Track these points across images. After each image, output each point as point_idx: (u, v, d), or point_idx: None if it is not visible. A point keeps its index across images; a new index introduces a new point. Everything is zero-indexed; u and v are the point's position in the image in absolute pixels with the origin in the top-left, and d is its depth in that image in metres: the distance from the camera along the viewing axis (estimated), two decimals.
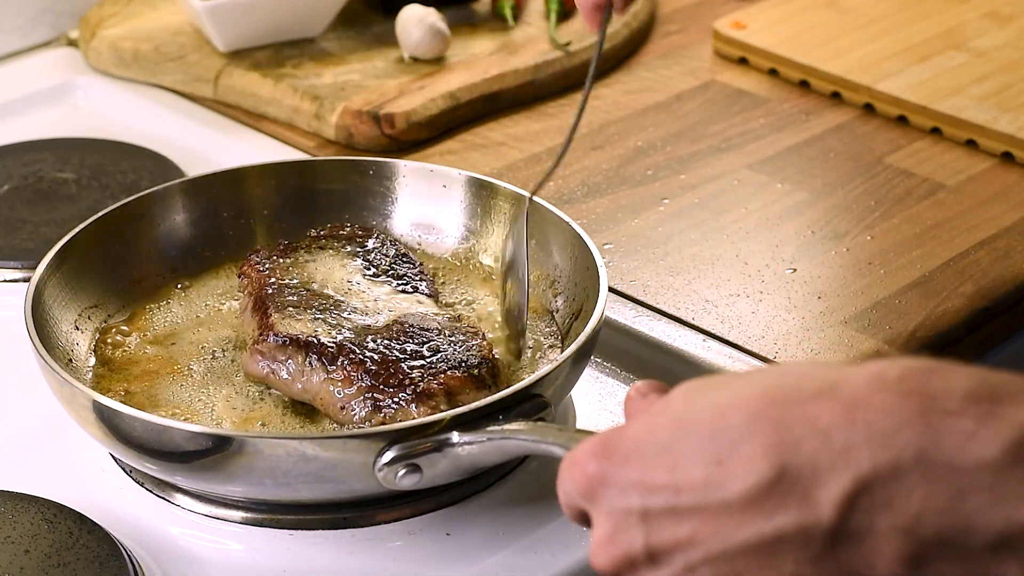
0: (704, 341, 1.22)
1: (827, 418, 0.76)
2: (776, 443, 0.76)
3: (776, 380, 0.79)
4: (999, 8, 1.68)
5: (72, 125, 1.56)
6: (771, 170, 1.44)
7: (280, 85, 1.52)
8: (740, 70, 1.61)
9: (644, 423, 0.82)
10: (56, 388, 1.07)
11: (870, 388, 0.76)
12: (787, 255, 1.32)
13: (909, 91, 1.52)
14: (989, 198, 1.40)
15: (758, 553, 0.77)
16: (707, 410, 0.79)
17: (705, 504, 0.78)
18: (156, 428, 1.01)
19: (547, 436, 0.98)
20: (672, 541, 0.79)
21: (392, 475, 0.99)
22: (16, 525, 1.03)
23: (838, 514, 0.75)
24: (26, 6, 1.67)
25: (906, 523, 0.74)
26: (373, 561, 1.04)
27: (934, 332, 1.23)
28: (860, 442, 0.75)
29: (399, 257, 1.20)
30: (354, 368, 1.06)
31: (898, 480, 0.74)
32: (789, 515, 0.76)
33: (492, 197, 1.25)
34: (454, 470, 1.01)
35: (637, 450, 0.81)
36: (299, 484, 1.01)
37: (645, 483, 0.80)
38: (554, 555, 1.03)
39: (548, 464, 1.10)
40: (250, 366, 1.10)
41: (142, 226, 1.24)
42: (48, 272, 1.15)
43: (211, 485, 1.04)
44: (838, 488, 0.75)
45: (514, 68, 1.55)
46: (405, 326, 1.10)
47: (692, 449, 0.79)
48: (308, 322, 1.10)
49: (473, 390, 1.05)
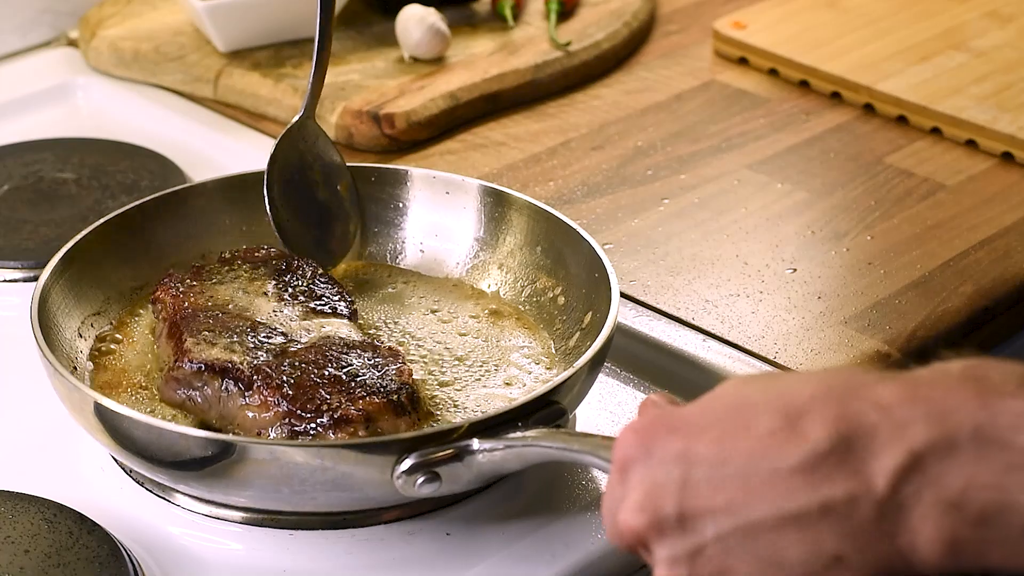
0: (704, 341, 1.21)
1: (889, 396, 0.77)
2: (837, 416, 0.77)
3: (835, 374, 0.80)
4: (999, 8, 1.68)
5: (72, 125, 1.56)
6: (771, 170, 1.44)
7: (280, 85, 1.52)
8: (740, 70, 1.61)
9: (695, 405, 0.82)
10: (64, 395, 1.06)
11: (932, 375, 0.78)
12: (787, 255, 1.32)
13: (909, 91, 1.52)
14: (989, 198, 1.40)
15: (798, 525, 0.77)
16: (764, 394, 0.80)
17: (752, 472, 0.78)
18: (168, 435, 1.01)
19: (571, 444, 0.98)
20: (706, 507, 0.79)
21: (411, 483, 0.98)
22: (16, 525, 1.03)
23: (889, 486, 0.76)
24: (26, 6, 1.67)
25: (952, 497, 0.75)
26: (373, 561, 1.04)
27: (934, 332, 1.23)
28: (918, 417, 0.76)
29: (316, 277, 1.17)
30: (271, 393, 1.04)
31: (951, 456, 0.75)
32: (840, 485, 0.76)
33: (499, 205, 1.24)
34: (474, 478, 1.01)
35: (685, 425, 0.80)
36: (316, 492, 1.00)
37: (689, 454, 0.79)
38: (554, 555, 1.03)
39: (548, 464, 1.11)
40: (166, 393, 1.09)
41: (144, 232, 1.23)
42: (53, 278, 1.14)
43: (224, 494, 1.04)
44: (892, 460, 0.76)
45: (514, 68, 1.55)
46: (323, 349, 1.08)
47: (746, 423, 0.79)
48: (224, 347, 1.09)
49: (392, 416, 1.04)
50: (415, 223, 1.27)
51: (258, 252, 1.20)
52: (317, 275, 1.18)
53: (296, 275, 1.17)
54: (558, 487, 1.09)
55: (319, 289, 1.16)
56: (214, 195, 1.27)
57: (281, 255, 1.20)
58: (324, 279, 1.18)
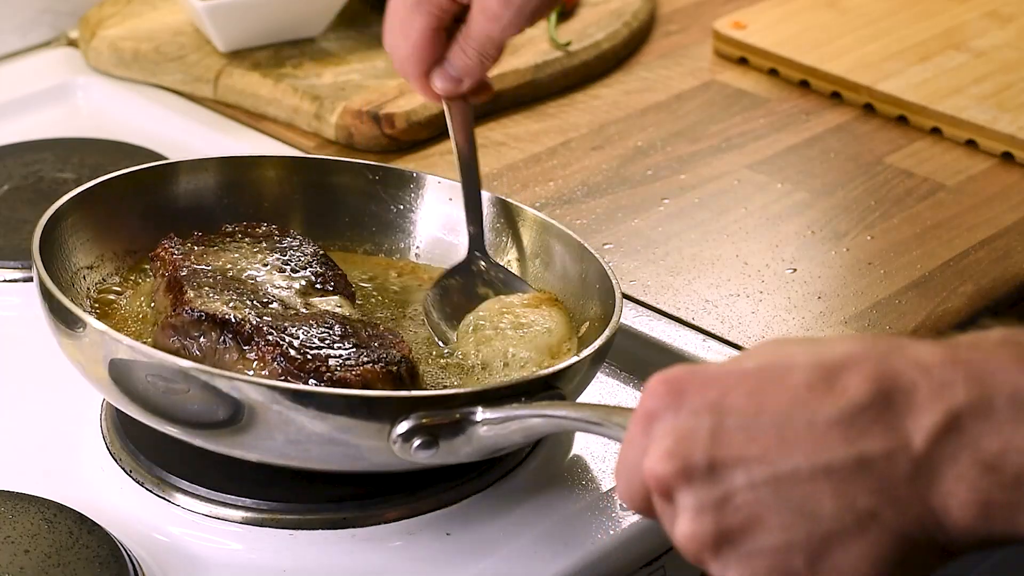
0: (704, 341, 1.22)
1: (929, 356, 0.77)
2: (877, 372, 0.77)
3: (874, 338, 0.80)
4: (999, 8, 1.68)
5: (72, 125, 1.56)
6: (771, 170, 1.44)
7: (280, 85, 1.52)
8: (740, 70, 1.61)
9: (728, 361, 0.80)
10: (64, 334, 1.04)
11: (972, 340, 0.78)
12: (787, 255, 1.32)
13: (909, 91, 1.52)
14: (989, 198, 1.40)
15: (832, 478, 0.76)
16: (802, 352, 0.79)
17: (787, 423, 0.77)
18: (171, 368, 0.99)
19: (580, 412, 0.96)
20: (738, 455, 0.77)
21: (408, 447, 0.97)
22: (16, 525, 1.02)
23: (927, 444, 0.75)
24: (26, 6, 1.66)
25: (988, 459, 0.75)
26: (373, 561, 1.04)
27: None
28: (958, 378, 0.76)
29: (317, 256, 1.17)
30: (270, 350, 1.03)
31: (988, 417, 0.75)
32: (877, 440, 0.76)
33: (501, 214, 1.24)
34: (473, 450, 0.99)
35: (719, 377, 0.79)
36: (310, 443, 0.99)
37: (723, 403, 0.78)
38: (555, 555, 1.03)
39: (548, 464, 1.11)
40: (160, 339, 1.07)
41: (149, 196, 1.22)
42: (55, 218, 1.13)
43: (220, 442, 1.02)
44: (931, 419, 0.76)
45: (514, 68, 1.55)
46: (325, 318, 1.08)
47: (784, 377, 0.78)
48: (224, 302, 1.08)
49: (390, 386, 1.03)
50: (414, 226, 1.27)
51: (260, 227, 1.20)
52: (318, 255, 1.18)
53: (297, 252, 1.17)
54: (558, 487, 1.09)
55: (319, 268, 1.16)
56: (223, 171, 1.25)
57: (283, 232, 1.20)
58: (324, 259, 1.17)
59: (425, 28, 1.14)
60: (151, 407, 1.02)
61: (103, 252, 1.18)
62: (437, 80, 1.15)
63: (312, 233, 1.25)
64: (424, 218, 1.26)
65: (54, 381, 1.13)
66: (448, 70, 1.14)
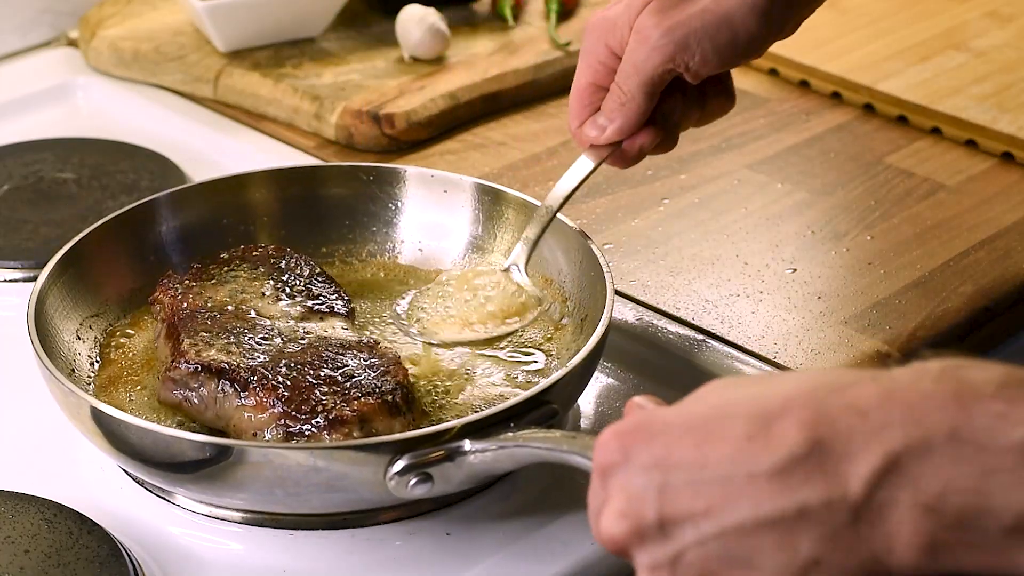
0: (704, 341, 1.21)
1: (865, 400, 0.77)
2: (813, 419, 0.77)
3: (815, 375, 0.80)
4: (999, 8, 1.68)
5: (72, 125, 1.56)
6: (771, 170, 1.44)
7: (280, 85, 1.52)
8: (740, 70, 1.61)
9: (675, 409, 0.81)
10: (61, 399, 1.06)
11: (909, 376, 0.78)
12: (787, 255, 1.32)
13: (909, 91, 1.52)
14: (989, 198, 1.40)
15: (776, 529, 0.77)
16: (743, 398, 0.79)
17: (729, 477, 0.77)
18: (161, 438, 1.01)
19: (561, 444, 0.98)
20: (686, 512, 0.78)
21: (403, 485, 0.99)
22: (16, 525, 1.03)
23: (865, 489, 0.75)
24: (26, 6, 1.67)
25: (929, 500, 0.75)
26: (373, 561, 1.04)
27: (934, 332, 1.23)
28: (895, 420, 0.76)
29: (314, 276, 1.18)
30: (266, 394, 1.05)
31: (928, 458, 0.75)
32: (815, 489, 0.76)
33: (496, 204, 1.25)
34: (465, 478, 1.01)
35: (665, 430, 0.80)
36: (309, 495, 1.00)
37: (669, 460, 0.79)
38: (554, 555, 1.03)
39: (549, 465, 1.11)
40: (163, 394, 1.09)
41: (141, 233, 1.23)
42: (49, 281, 1.14)
43: (219, 496, 1.04)
44: (868, 463, 0.76)
45: (514, 68, 1.55)
46: (320, 350, 1.09)
47: (724, 428, 0.78)
48: (221, 348, 1.09)
49: (387, 416, 1.04)
50: (413, 222, 1.27)
51: (256, 251, 1.20)
52: (315, 274, 1.18)
53: (294, 274, 1.18)
54: (557, 487, 1.09)
55: (316, 288, 1.17)
56: (213, 195, 1.27)
57: (279, 253, 1.20)
58: (322, 278, 1.18)
59: (584, 81, 1.15)
60: (152, 465, 1.04)
61: (106, 298, 1.20)
62: (587, 129, 1.15)
63: (314, 240, 1.25)
64: (424, 214, 1.27)
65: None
66: (596, 118, 1.15)
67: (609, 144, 1.15)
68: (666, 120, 1.14)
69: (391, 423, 1.04)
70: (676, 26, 1.08)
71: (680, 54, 1.09)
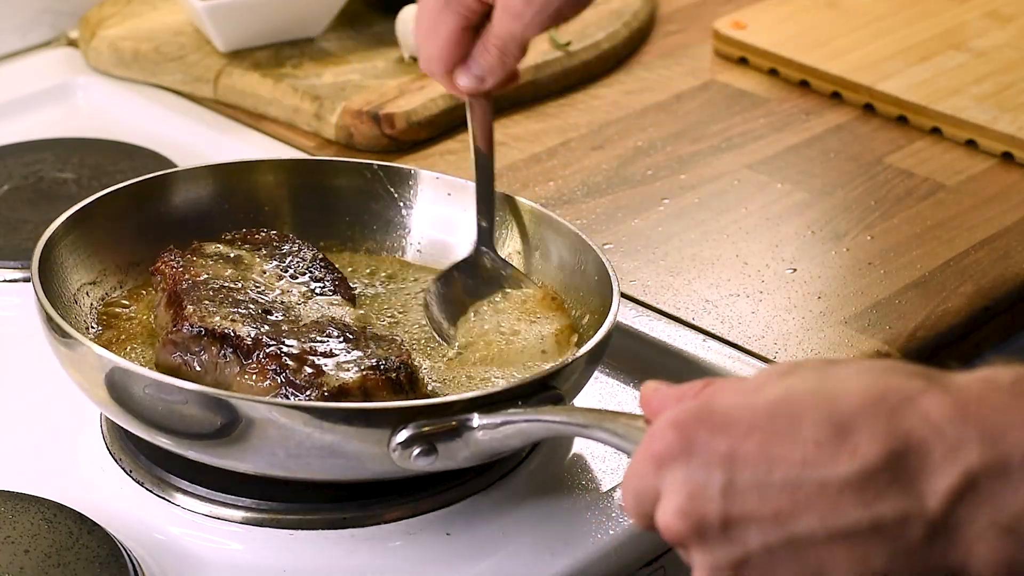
0: (704, 341, 1.22)
1: (939, 412, 0.76)
2: (888, 431, 0.75)
3: (885, 376, 0.78)
4: (999, 8, 1.68)
5: (72, 125, 1.56)
6: (771, 170, 1.44)
7: (280, 85, 1.52)
8: (740, 70, 1.61)
9: (736, 400, 0.79)
10: (64, 352, 1.05)
11: (983, 389, 0.76)
12: (787, 255, 1.32)
13: (909, 91, 1.52)
14: (989, 198, 1.40)
15: (850, 542, 0.75)
16: (810, 396, 0.77)
17: (800, 482, 0.76)
18: (169, 389, 1.00)
19: (576, 417, 0.96)
20: (752, 515, 0.76)
21: (407, 456, 0.98)
22: (16, 525, 1.03)
23: (943, 506, 0.75)
24: (26, 6, 1.67)
25: (1007, 521, 0.74)
26: (373, 561, 1.04)
27: (934, 332, 1.23)
28: (971, 438, 0.75)
29: (316, 261, 1.17)
30: (269, 362, 1.04)
31: (1005, 478, 0.74)
32: (892, 503, 0.75)
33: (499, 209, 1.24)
34: (471, 455, 1.00)
35: (729, 422, 0.78)
36: (310, 457, 0.99)
37: (734, 455, 0.77)
38: (554, 555, 1.03)
39: (548, 464, 1.11)
40: (162, 356, 1.08)
41: (148, 207, 1.22)
42: (56, 237, 1.14)
43: (220, 456, 1.03)
44: (946, 481, 0.75)
45: None
46: (324, 325, 1.09)
47: (792, 429, 0.76)
48: (224, 315, 1.08)
49: (389, 393, 1.03)
50: (415, 223, 1.27)
51: (259, 234, 1.20)
52: (317, 259, 1.18)
53: (297, 257, 1.17)
54: (558, 487, 1.09)
55: (319, 272, 1.16)
56: (218, 178, 1.26)
57: (282, 237, 1.20)
58: (324, 263, 1.17)
59: (453, 27, 1.15)
60: (151, 423, 1.03)
61: (104, 267, 1.19)
62: (461, 78, 1.16)
63: (314, 233, 1.25)
64: (425, 214, 1.26)
65: (54, 381, 1.13)
66: (472, 68, 1.16)
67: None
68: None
69: (393, 400, 1.03)
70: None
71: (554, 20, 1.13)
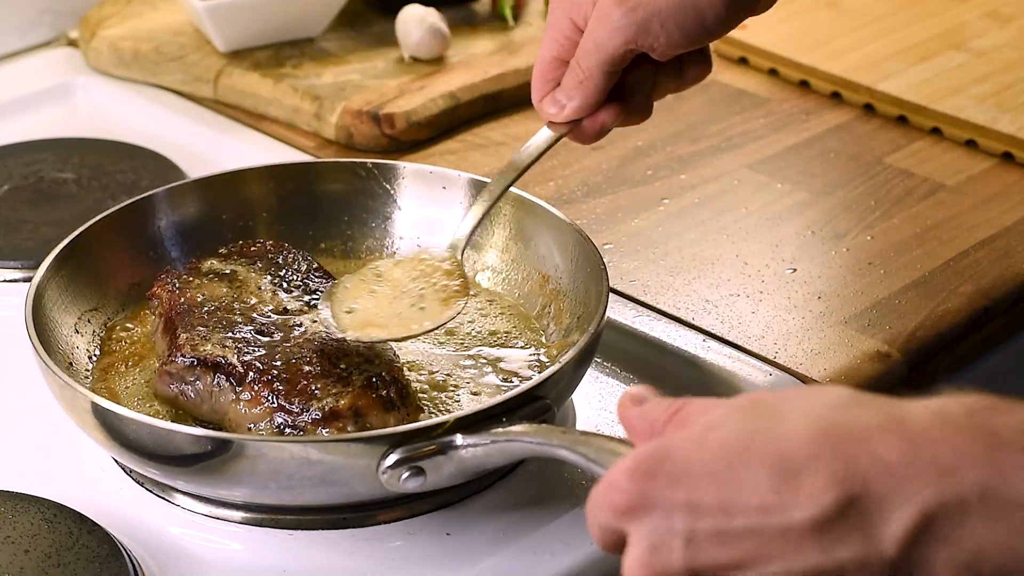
0: (704, 341, 1.21)
1: (893, 453, 0.75)
2: (843, 475, 0.75)
3: (835, 413, 0.78)
4: (999, 8, 1.68)
5: (72, 125, 1.56)
6: (771, 170, 1.44)
7: (280, 85, 1.52)
8: (740, 70, 1.61)
9: (690, 443, 0.79)
10: (57, 392, 1.07)
11: (935, 424, 0.76)
12: (787, 255, 1.32)
13: (909, 91, 1.52)
14: (989, 198, 1.40)
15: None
16: (763, 437, 0.77)
17: (761, 529, 0.76)
18: (157, 432, 1.01)
19: (551, 439, 0.98)
20: (716, 564, 0.77)
21: (395, 478, 0.99)
22: (16, 525, 1.03)
23: (901, 549, 0.74)
24: (26, 6, 1.67)
25: (966, 559, 0.74)
26: (373, 561, 1.04)
27: (934, 332, 1.23)
28: (926, 477, 0.74)
29: (312, 271, 1.18)
30: (262, 388, 1.05)
31: (962, 516, 0.74)
32: (851, 548, 0.75)
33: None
34: (458, 473, 1.01)
35: (685, 471, 0.78)
36: (303, 488, 1.01)
37: (693, 505, 0.77)
38: (554, 555, 1.03)
39: (548, 464, 1.11)
40: (159, 387, 1.10)
41: (141, 229, 1.23)
42: (48, 275, 1.15)
43: (214, 489, 1.04)
44: (902, 522, 0.74)
45: (514, 68, 1.55)
46: (316, 344, 1.09)
47: (749, 474, 0.76)
48: (217, 342, 1.09)
49: (381, 411, 1.04)
50: (411, 217, 1.27)
51: (254, 246, 1.21)
52: (312, 269, 1.18)
53: (291, 269, 1.18)
54: (558, 487, 1.09)
55: (314, 283, 1.17)
56: (211, 191, 1.27)
57: (277, 248, 1.20)
58: (319, 273, 1.18)
59: (546, 55, 1.12)
60: (143, 457, 1.04)
61: (103, 292, 1.20)
62: (545, 105, 1.12)
63: (313, 236, 1.25)
64: (422, 210, 1.27)
65: None
66: (556, 95, 1.13)
67: (568, 121, 1.12)
68: (635, 92, 1.11)
69: (385, 418, 1.04)
70: (638, 6, 1.05)
71: (642, 36, 1.06)
